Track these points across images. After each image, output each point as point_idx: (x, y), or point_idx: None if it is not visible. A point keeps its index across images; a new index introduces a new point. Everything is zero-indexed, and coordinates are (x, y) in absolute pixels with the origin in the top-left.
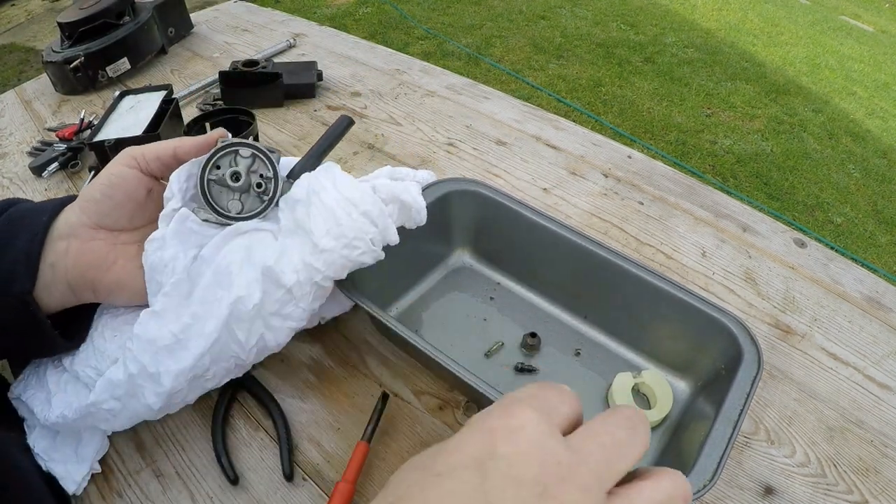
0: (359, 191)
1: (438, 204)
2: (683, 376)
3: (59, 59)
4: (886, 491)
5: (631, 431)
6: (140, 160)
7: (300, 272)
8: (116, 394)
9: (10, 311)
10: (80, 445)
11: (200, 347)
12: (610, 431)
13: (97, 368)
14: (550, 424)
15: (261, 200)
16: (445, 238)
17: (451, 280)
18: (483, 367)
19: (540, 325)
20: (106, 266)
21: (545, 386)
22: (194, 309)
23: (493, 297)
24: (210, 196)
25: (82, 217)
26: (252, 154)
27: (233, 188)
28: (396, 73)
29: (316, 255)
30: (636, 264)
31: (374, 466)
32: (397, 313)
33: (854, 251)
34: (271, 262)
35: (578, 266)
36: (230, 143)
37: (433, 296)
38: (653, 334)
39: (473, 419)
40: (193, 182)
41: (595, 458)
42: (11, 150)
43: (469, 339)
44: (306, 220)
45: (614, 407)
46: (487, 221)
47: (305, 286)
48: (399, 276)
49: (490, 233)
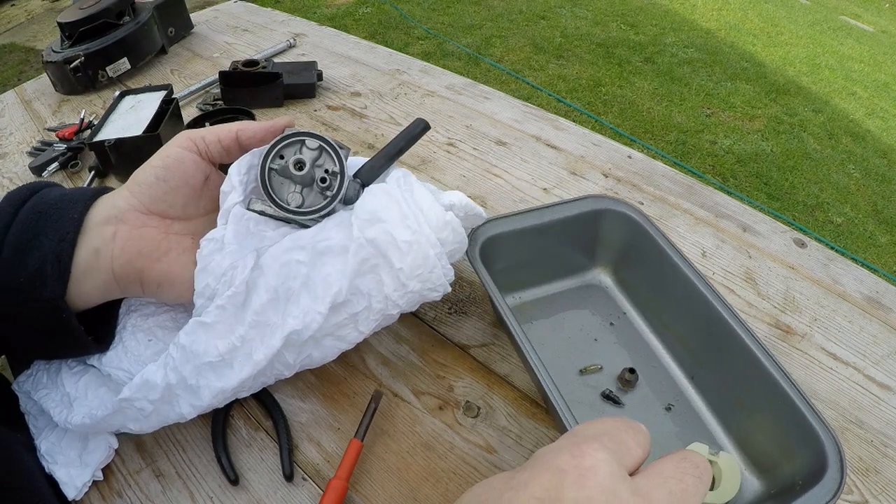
0: (448, 227)
1: (592, 218)
2: (761, 475)
3: (59, 59)
4: (886, 491)
5: (697, 480)
6: (199, 143)
7: (373, 301)
8: (151, 397)
9: (38, 315)
10: (86, 452)
11: (246, 372)
12: (679, 478)
13: (129, 371)
14: (621, 467)
15: (323, 197)
16: (589, 253)
17: (580, 293)
18: (572, 382)
19: (645, 366)
20: (157, 255)
21: (621, 424)
22: (245, 332)
23: (614, 323)
24: (270, 186)
25: (132, 201)
26: (319, 146)
27: (295, 179)
28: (396, 73)
29: (400, 293)
30: (757, 342)
31: (374, 466)
32: (517, 302)
33: (854, 251)
34: (341, 296)
35: (702, 324)
36: (298, 132)
37: (556, 301)
38: (748, 420)
39: (542, 453)
40: (254, 174)
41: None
42: (11, 150)
43: (573, 351)
44: (390, 251)
45: (682, 451)
46: (634, 248)
47: (374, 315)
48: (531, 268)
49: (633, 260)
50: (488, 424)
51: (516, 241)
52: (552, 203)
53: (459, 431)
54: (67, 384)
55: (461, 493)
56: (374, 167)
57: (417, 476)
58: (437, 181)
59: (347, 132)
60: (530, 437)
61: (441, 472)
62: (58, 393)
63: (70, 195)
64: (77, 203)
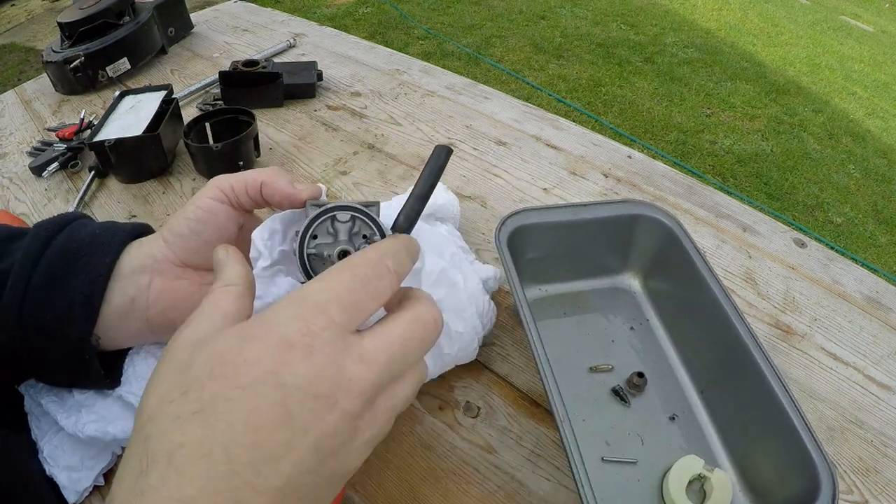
0: (491, 312)
1: (628, 222)
2: (753, 498)
3: (59, 59)
4: (886, 491)
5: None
6: (229, 193)
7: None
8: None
9: (63, 353)
10: (88, 456)
11: None
12: (402, 342)
13: (138, 395)
14: (347, 335)
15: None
16: (622, 256)
17: (607, 295)
18: (581, 378)
19: (656, 373)
20: (189, 308)
21: (355, 283)
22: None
23: (634, 328)
24: (311, 268)
25: (167, 253)
26: (351, 216)
27: (335, 260)
28: (396, 73)
29: (438, 367)
30: (773, 370)
31: (374, 466)
32: (543, 294)
33: (854, 251)
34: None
35: (721, 342)
36: (326, 209)
37: (581, 298)
38: (750, 443)
39: (271, 320)
40: (278, 239)
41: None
42: (11, 150)
43: (586, 349)
44: (443, 339)
45: (416, 310)
46: (666, 258)
47: None
48: (561, 263)
49: (663, 269)
50: (488, 424)
51: (549, 233)
52: (590, 202)
53: (459, 431)
54: (76, 392)
55: (461, 493)
56: (410, 216)
57: (417, 476)
58: None
59: (347, 132)
60: (530, 437)
61: (441, 472)
62: (66, 399)
63: (101, 237)
64: (110, 247)
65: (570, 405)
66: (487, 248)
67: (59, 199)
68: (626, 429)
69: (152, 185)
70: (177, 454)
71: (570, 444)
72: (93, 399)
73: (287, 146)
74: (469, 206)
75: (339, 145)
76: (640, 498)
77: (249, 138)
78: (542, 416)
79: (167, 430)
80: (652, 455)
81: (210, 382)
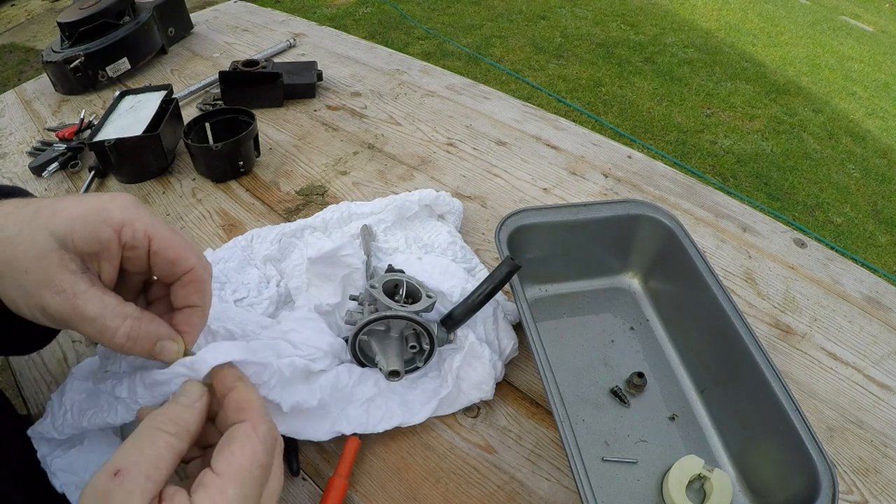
0: (510, 344)
1: (629, 222)
2: (753, 497)
3: (59, 59)
4: (886, 491)
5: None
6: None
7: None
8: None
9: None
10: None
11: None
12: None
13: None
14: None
15: (415, 360)
16: (622, 257)
17: (607, 295)
18: (581, 378)
19: (657, 373)
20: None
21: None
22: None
23: (634, 328)
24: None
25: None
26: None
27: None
28: (396, 73)
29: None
30: (773, 370)
31: (374, 466)
32: (543, 294)
33: (854, 251)
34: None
35: (721, 342)
36: (378, 318)
37: (582, 298)
38: (750, 443)
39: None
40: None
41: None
42: (11, 150)
43: (585, 349)
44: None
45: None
46: (667, 258)
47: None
48: (561, 263)
49: (664, 269)
50: (488, 424)
51: (549, 233)
52: (590, 202)
53: (459, 431)
54: (106, 389)
55: (461, 493)
56: (459, 320)
57: (417, 476)
58: (436, 181)
59: (347, 132)
60: (530, 437)
61: (441, 472)
62: (102, 398)
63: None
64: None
65: (570, 405)
66: (487, 248)
67: None
68: (626, 429)
69: (152, 185)
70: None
71: (570, 444)
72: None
73: (287, 146)
74: (469, 206)
75: (339, 145)
76: (640, 498)
77: (249, 138)
78: (542, 416)
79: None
80: (652, 455)
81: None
